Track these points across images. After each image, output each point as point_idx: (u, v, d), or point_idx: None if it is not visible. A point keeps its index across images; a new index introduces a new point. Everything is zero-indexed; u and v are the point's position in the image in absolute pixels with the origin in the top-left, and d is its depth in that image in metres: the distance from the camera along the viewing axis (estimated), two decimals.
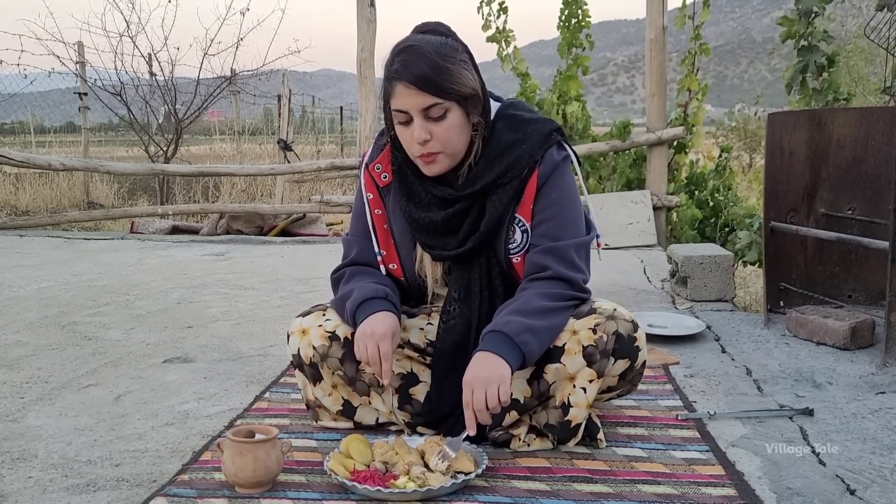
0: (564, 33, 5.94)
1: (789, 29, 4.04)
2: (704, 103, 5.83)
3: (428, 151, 1.63)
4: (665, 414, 1.97)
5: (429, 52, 1.59)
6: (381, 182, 1.79)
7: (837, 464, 1.69)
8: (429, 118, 1.60)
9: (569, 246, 1.69)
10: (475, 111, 1.65)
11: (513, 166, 1.68)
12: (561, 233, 1.69)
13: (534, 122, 1.73)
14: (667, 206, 5.52)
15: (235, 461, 1.54)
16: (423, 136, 1.60)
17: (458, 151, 1.66)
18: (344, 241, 1.89)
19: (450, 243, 1.72)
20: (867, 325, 2.58)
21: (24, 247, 5.31)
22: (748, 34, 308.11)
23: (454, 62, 1.60)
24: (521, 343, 1.57)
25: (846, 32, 10.81)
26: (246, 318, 3.17)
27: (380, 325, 1.66)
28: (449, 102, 1.60)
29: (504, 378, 1.54)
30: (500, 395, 1.53)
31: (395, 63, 1.61)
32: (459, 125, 1.63)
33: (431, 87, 1.57)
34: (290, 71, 10.07)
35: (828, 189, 2.90)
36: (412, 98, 1.58)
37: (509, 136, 1.69)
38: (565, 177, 1.72)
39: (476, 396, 1.54)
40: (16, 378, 2.37)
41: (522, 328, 1.59)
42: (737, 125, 14.91)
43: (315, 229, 6.26)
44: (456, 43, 1.65)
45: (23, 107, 13.30)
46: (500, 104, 1.76)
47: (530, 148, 1.69)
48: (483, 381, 1.54)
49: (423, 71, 1.57)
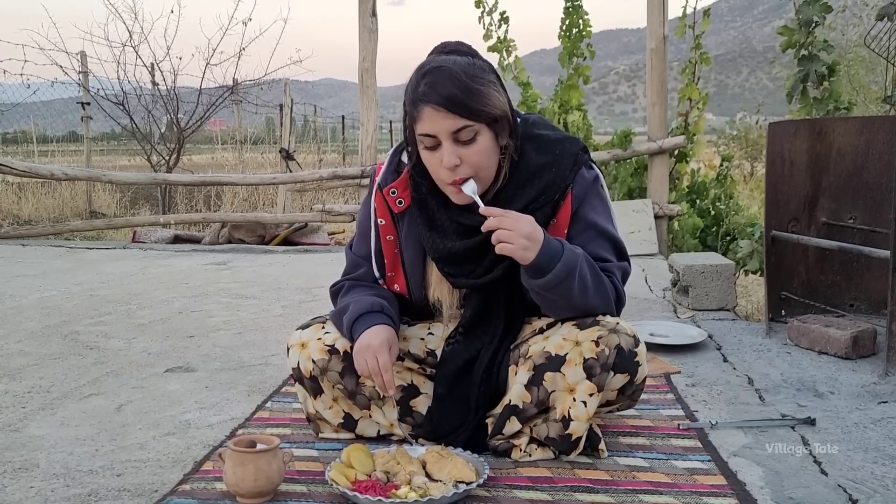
0: (565, 43, 5.95)
1: (789, 38, 4.05)
2: (705, 112, 5.84)
3: (456, 178, 1.57)
4: (667, 423, 1.97)
5: (457, 72, 1.54)
6: (396, 208, 1.74)
7: (840, 473, 1.68)
8: (458, 142, 1.55)
9: (617, 268, 1.68)
10: (504, 133, 1.61)
11: (545, 191, 1.64)
12: (605, 253, 1.68)
13: (561, 142, 1.70)
14: (668, 215, 5.52)
15: (237, 471, 1.54)
16: (453, 161, 1.55)
17: (488, 176, 1.62)
18: (347, 254, 1.88)
19: (475, 271, 1.68)
20: (869, 334, 2.58)
21: (27, 256, 5.32)
22: (749, 43, 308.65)
23: (483, 83, 1.55)
24: (558, 271, 1.54)
25: (847, 41, 10.83)
26: (247, 327, 3.17)
27: (375, 337, 1.65)
28: (479, 125, 1.55)
29: (528, 254, 1.52)
30: (513, 248, 1.51)
31: (421, 85, 1.55)
32: (490, 148, 1.58)
33: (461, 109, 1.52)
34: (292, 80, 10.10)
35: (829, 198, 2.90)
36: (441, 121, 1.53)
37: (539, 159, 1.66)
38: (599, 197, 1.71)
39: (514, 223, 1.52)
40: (17, 388, 2.37)
41: (574, 262, 1.56)
42: (738, 134, 14.92)
43: (317, 238, 6.27)
44: (483, 63, 1.61)
45: (26, 116, 13.34)
46: (521, 121, 1.71)
47: (562, 171, 1.65)
48: (525, 233, 1.52)
49: (453, 92, 1.52)
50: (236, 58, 9.60)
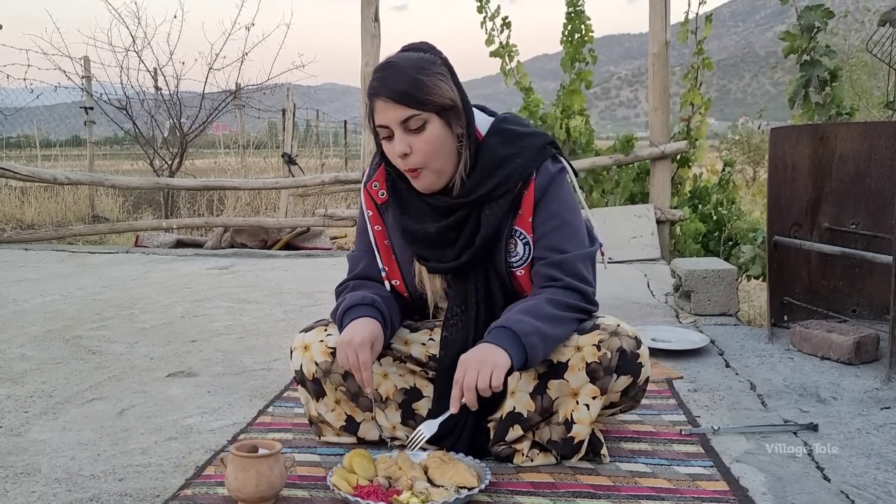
0: (567, 48, 5.96)
1: (792, 44, 4.05)
2: (707, 117, 5.84)
3: (409, 167, 1.64)
4: (669, 429, 1.97)
5: (405, 66, 1.62)
6: (379, 199, 1.80)
7: (842, 479, 1.68)
8: (408, 130, 1.62)
9: (576, 258, 1.69)
10: (457, 123, 1.66)
11: (507, 180, 1.68)
12: (565, 244, 1.69)
13: (528, 135, 1.74)
14: (670, 220, 5.53)
15: (238, 476, 1.54)
16: (402, 149, 1.62)
17: (441, 166, 1.66)
18: (349, 257, 1.90)
19: (446, 256, 1.72)
20: (871, 339, 2.58)
21: (29, 260, 5.33)
22: (751, 48, 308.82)
23: (430, 74, 1.62)
24: (528, 345, 1.56)
25: (849, 46, 10.84)
26: (249, 331, 3.17)
27: (358, 332, 1.66)
28: (427, 114, 1.61)
29: (500, 365, 1.53)
30: (493, 379, 1.51)
31: (374, 81, 1.64)
32: (440, 137, 1.63)
33: (407, 99, 1.60)
34: (295, 85, 10.11)
35: (831, 203, 2.90)
36: (390, 112, 1.61)
37: (503, 151, 1.70)
38: (563, 188, 1.73)
39: (468, 375, 1.53)
40: (20, 392, 2.37)
41: (532, 330, 1.58)
42: (740, 139, 14.90)
43: (319, 243, 6.27)
44: (434, 57, 1.67)
45: (29, 121, 13.35)
46: (494, 119, 1.76)
47: (524, 161, 1.69)
48: (478, 362, 1.53)
49: (399, 85, 1.60)
50: (239, 63, 9.61)
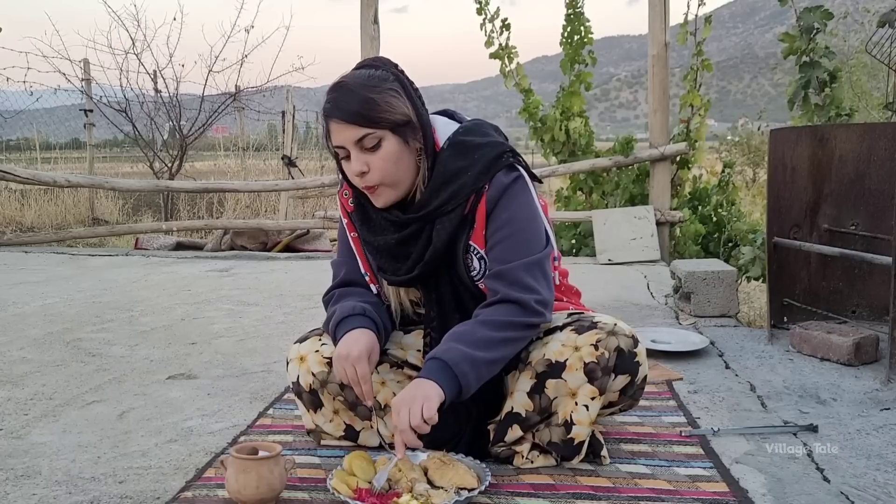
0: (567, 50, 5.96)
1: (791, 45, 4.06)
2: (707, 118, 5.85)
3: (366, 185, 1.63)
4: (669, 430, 1.97)
5: (354, 86, 1.61)
6: (349, 207, 1.80)
7: (842, 480, 1.68)
8: (364, 149, 1.61)
9: (517, 267, 1.63)
10: (413, 137, 1.64)
11: (457, 194, 1.66)
12: (511, 255, 1.65)
13: (482, 146, 1.69)
14: (670, 222, 5.53)
15: (239, 478, 1.54)
16: (359, 168, 1.61)
17: (399, 180, 1.65)
18: (332, 264, 1.89)
19: (400, 269, 1.71)
20: (871, 340, 2.58)
21: (29, 263, 5.33)
22: (751, 49, 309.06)
23: (380, 91, 1.60)
24: (459, 373, 1.56)
25: (848, 47, 10.84)
26: (249, 334, 3.18)
27: (354, 345, 1.65)
28: (381, 131, 1.60)
29: (429, 397, 1.52)
30: (424, 412, 1.50)
31: (326, 102, 1.63)
32: (396, 153, 1.62)
33: (360, 119, 1.59)
34: (295, 87, 10.11)
35: (830, 205, 2.90)
36: (344, 132, 1.60)
37: (455, 164, 1.67)
38: (515, 198, 1.68)
39: (400, 417, 1.52)
40: (20, 394, 2.37)
41: (461, 357, 1.57)
42: (740, 140, 14.91)
43: (319, 245, 6.27)
44: (385, 73, 1.64)
45: (28, 123, 13.36)
46: (454, 131, 1.72)
47: (475, 174, 1.66)
48: (407, 400, 1.53)
49: (351, 105, 1.59)
50: (239, 65, 9.61)
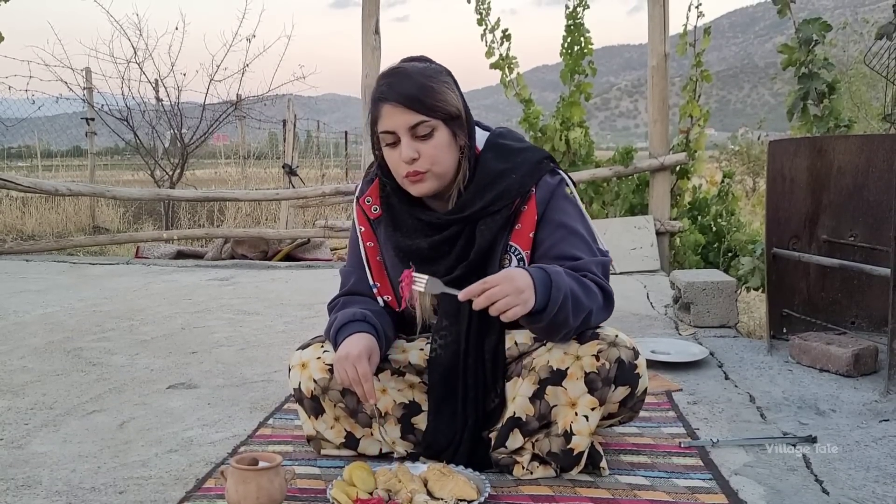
0: (567, 60, 5.98)
1: (790, 56, 4.07)
2: (707, 128, 5.87)
3: (415, 170, 1.64)
4: (668, 441, 1.97)
5: (414, 73, 1.64)
6: (372, 215, 1.81)
7: (841, 492, 1.68)
8: (416, 137, 1.62)
9: (590, 262, 1.66)
10: (461, 133, 1.67)
11: (503, 195, 1.68)
12: (575, 251, 1.67)
13: (523, 151, 1.74)
14: (670, 232, 5.54)
15: (239, 489, 1.54)
16: (410, 155, 1.62)
17: (445, 171, 1.67)
18: (341, 272, 1.91)
19: (438, 271, 1.70)
20: (870, 351, 2.58)
21: (30, 272, 5.34)
22: (750, 59, 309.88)
23: (438, 82, 1.64)
24: (552, 301, 1.51)
25: (848, 57, 10.88)
26: (250, 343, 3.18)
27: (354, 346, 1.66)
28: (435, 121, 1.62)
29: (525, 306, 1.48)
30: (511, 311, 1.47)
31: (381, 86, 1.64)
32: (446, 144, 1.65)
33: (417, 105, 1.61)
34: (296, 95, 10.16)
35: (829, 216, 2.91)
36: (399, 117, 1.61)
37: (498, 166, 1.71)
38: (566, 199, 1.73)
39: (501, 290, 1.47)
40: (21, 404, 2.37)
41: (565, 294, 1.53)
42: (740, 149, 14.95)
43: (319, 254, 6.28)
44: (440, 67, 1.69)
45: (30, 131, 13.42)
46: (490, 133, 1.77)
47: (520, 177, 1.69)
48: (515, 290, 1.47)
49: (409, 90, 1.61)
50: (240, 74, 9.66)
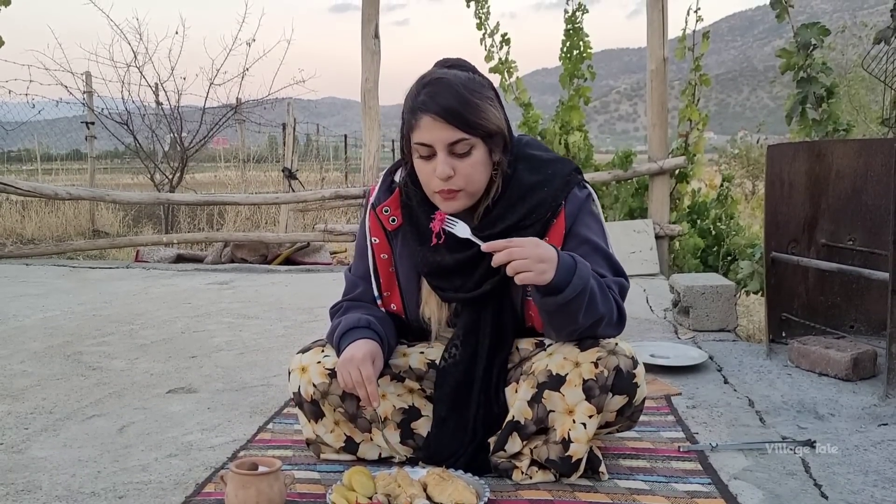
0: (566, 64, 6.00)
1: (788, 60, 4.09)
2: (706, 131, 5.88)
3: (449, 188, 1.60)
4: (667, 446, 1.97)
5: (457, 85, 1.57)
6: (390, 226, 1.77)
7: (840, 497, 1.69)
8: (453, 154, 1.58)
9: (612, 282, 1.66)
10: (498, 149, 1.64)
11: (536, 209, 1.67)
12: (599, 269, 1.66)
13: (553, 162, 1.73)
14: (669, 235, 5.55)
15: (238, 494, 1.54)
16: (446, 172, 1.57)
17: (478, 190, 1.64)
18: (346, 276, 1.90)
19: (464, 285, 1.69)
20: (869, 355, 2.59)
21: (30, 276, 5.34)
22: (749, 62, 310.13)
23: (482, 98, 1.59)
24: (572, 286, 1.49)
25: (847, 61, 10.91)
26: (250, 347, 3.18)
27: (358, 350, 1.66)
28: (475, 139, 1.58)
29: (543, 276, 1.46)
30: (526, 277, 1.45)
31: (421, 95, 1.58)
32: (483, 162, 1.61)
33: (459, 121, 1.55)
34: (295, 99, 10.18)
35: (828, 220, 2.92)
36: (438, 131, 1.56)
37: (530, 178, 1.68)
38: (593, 214, 1.73)
39: (524, 252, 1.45)
40: (20, 408, 2.38)
41: (585, 282, 1.51)
42: (739, 153, 14.98)
43: (319, 258, 6.29)
44: (483, 79, 1.64)
45: (30, 135, 13.43)
46: (516, 143, 1.73)
47: (553, 191, 1.68)
48: (537, 257, 1.46)
49: (452, 104, 1.55)
50: (240, 78, 9.70)
